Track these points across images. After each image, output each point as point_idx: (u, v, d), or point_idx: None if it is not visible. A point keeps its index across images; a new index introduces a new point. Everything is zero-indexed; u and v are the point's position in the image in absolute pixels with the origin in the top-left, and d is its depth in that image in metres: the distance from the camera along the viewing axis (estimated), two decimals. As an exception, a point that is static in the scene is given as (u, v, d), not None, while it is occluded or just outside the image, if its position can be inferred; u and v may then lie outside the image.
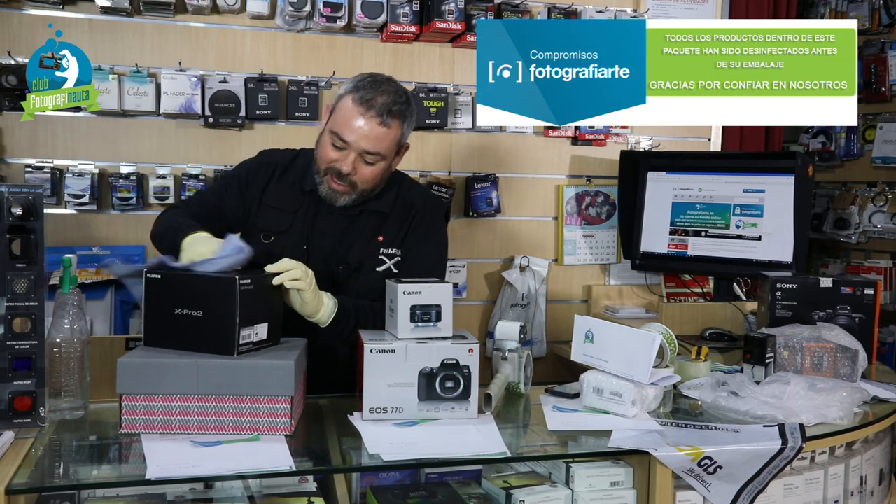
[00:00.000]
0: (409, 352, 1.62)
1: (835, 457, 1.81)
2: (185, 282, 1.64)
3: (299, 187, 1.99)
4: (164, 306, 1.63)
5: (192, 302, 1.61)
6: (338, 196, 1.91)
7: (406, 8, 2.95)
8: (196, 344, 1.59)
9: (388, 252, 1.97)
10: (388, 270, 1.96)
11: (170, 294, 1.64)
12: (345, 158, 1.86)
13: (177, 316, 1.62)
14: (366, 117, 1.84)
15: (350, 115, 1.85)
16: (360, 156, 1.87)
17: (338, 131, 1.86)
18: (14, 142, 2.75)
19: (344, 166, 1.86)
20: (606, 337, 1.76)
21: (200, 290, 1.62)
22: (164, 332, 1.63)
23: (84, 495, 1.45)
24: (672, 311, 2.81)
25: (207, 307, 1.60)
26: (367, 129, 1.84)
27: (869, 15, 3.82)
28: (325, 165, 1.90)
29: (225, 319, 1.57)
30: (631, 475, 1.60)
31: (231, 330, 1.57)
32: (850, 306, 2.20)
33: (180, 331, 1.62)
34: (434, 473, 1.66)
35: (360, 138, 1.85)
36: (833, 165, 3.97)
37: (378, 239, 1.97)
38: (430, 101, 3.03)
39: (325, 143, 1.90)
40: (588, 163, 3.32)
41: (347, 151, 1.86)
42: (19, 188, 1.50)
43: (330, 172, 1.89)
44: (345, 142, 1.86)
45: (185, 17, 2.87)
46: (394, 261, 1.98)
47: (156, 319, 1.65)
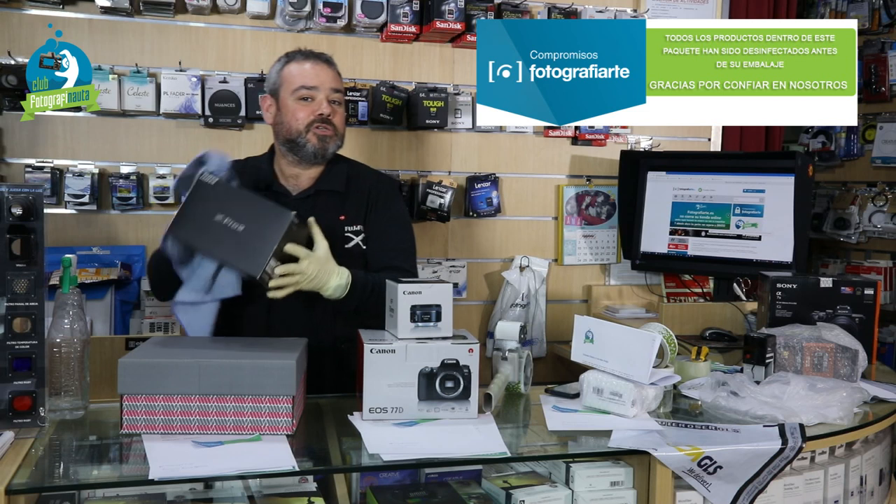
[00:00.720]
0: (409, 352, 1.63)
1: (835, 457, 1.81)
2: (240, 195, 1.76)
3: (253, 186, 2.02)
4: (208, 209, 1.72)
5: (238, 215, 1.71)
6: (327, 143, 2.05)
7: (406, 8, 2.95)
8: (224, 252, 1.69)
9: (352, 229, 2.08)
10: (356, 247, 2.07)
11: (217, 200, 1.73)
12: (319, 103, 2.04)
13: (215, 222, 1.71)
14: (316, 66, 2.07)
15: (302, 69, 2.06)
16: (328, 98, 2.05)
17: (303, 84, 2.04)
18: (14, 142, 2.75)
19: (323, 108, 2.04)
20: (606, 337, 1.76)
21: (252, 207, 1.73)
22: (194, 231, 1.72)
23: (84, 495, 1.45)
24: (672, 311, 2.81)
25: (252, 224, 1.69)
26: (323, 71, 2.07)
27: (869, 15, 3.82)
28: (304, 123, 2.04)
29: (265, 241, 1.68)
30: (631, 475, 1.60)
31: (265, 253, 1.67)
32: (850, 306, 2.20)
33: (213, 235, 1.70)
34: (434, 473, 1.66)
35: (324, 80, 2.06)
36: (833, 165, 3.97)
37: (340, 218, 2.07)
38: (430, 101, 3.03)
39: (291, 110, 2.05)
40: (588, 163, 3.32)
41: (318, 98, 2.05)
42: (19, 188, 1.50)
43: (314, 124, 2.04)
44: (312, 88, 2.04)
45: (185, 17, 2.87)
46: (360, 237, 2.08)
47: (191, 218, 1.73)
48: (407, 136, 3.11)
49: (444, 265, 3.15)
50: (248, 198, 1.77)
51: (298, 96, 2.05)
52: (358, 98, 2.97)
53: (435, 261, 3.14)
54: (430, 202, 3.04)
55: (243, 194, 1.79)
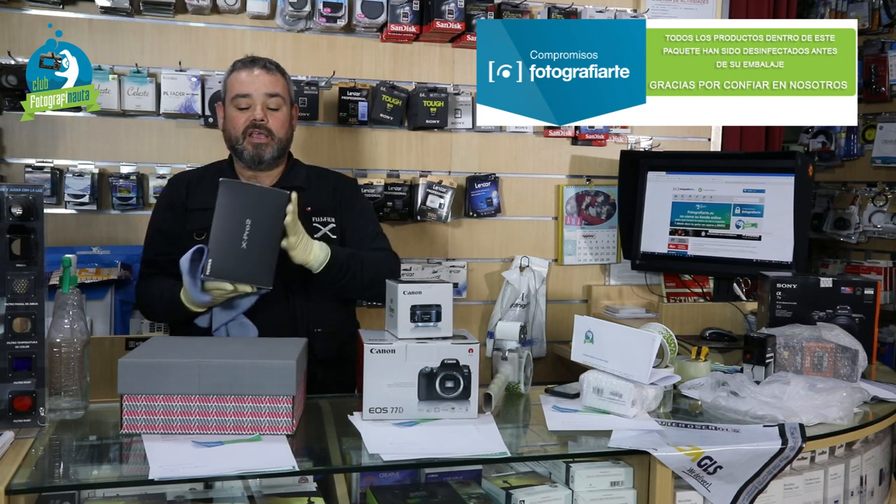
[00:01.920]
0: (409, 352, 1.63)
1: (835, 457, 1.81)
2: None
3: (215, 188, 2.04)
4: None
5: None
6: (262, 149, 2.11)
7: (406, 8, 2.95)
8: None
9: (319, 220, 2.16)
10: (325, 237, 2.14)
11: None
12: (253, 110, 2.10)
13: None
14: (252, 73, 2.13)
15: (238, 78, 2.13)
16: (263, 104, 2.11)
17: (237, 91, 2.11)
18: (14, 142, 2.75)
19: (256, 114, 2.09)
20: (606, 337, 1.76)
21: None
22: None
23: (84, 495, 1.45)
24: (672, 311, 2.80)
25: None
26: (259, 78, 2.12)
27: (869, 15, 3.82)
28: (240, 130, 2.11)
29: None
30: (631, 475, 1.60)
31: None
32: (850, 306, 2.20)
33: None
34: (434, 473, 1.66)
35: (259, 86, 2.11)
36: (833, 165, 3.97)
37: (306, 209, 2.13)
38: (430, 101, 3.03)
39: (231, 116, 2.13)
40: (588, 163, 3.32)
41: (252, 105, 2.11)
42: (19, 188, 1.50)
43: (247, 132, 2.10)
44: (246, 96, 2.11)
45: (185, 17, 2.87)
46: (328, 227, 2.16)
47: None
48: (407, 136, 3.11)
49: (444, 265, 3.15)
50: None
51: (236, 105, 2.12)
52: (358, 98, 2.97)
53: (435, 261, 3.14)
54: (430, 202, 3.04)
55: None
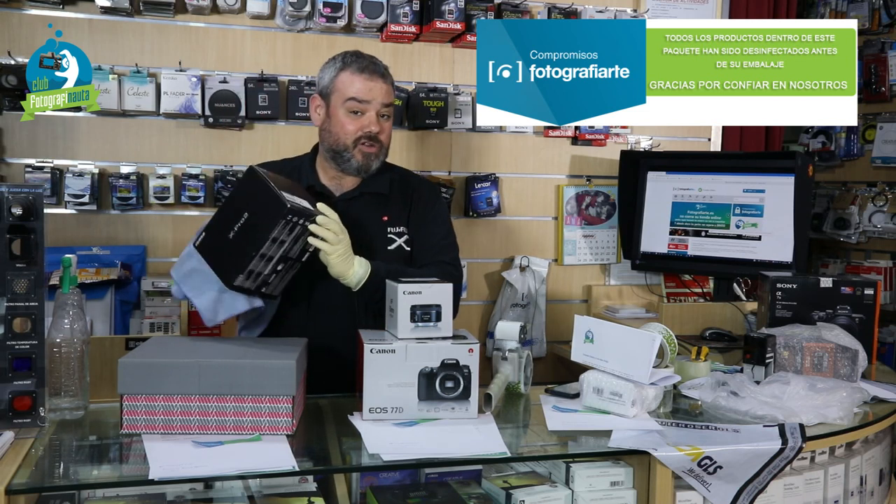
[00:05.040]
0: (409, 352, 1.62)
1: (835, 457, 1.81)
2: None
3: None
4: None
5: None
6: (371, 160, 2.02)
7: (406, 8, 2.95)
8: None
9: (395, 231, 2.07)
10: (399, 249, 2.05)
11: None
12: (369, 120, 2.00)
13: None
14: (373, 79, 2.00)
15: (358, 81, 2.00)
16: (378, 114, 2.01)
17: (355, 96, 1.99)
18: (14, 142, 2.75)
19: (373, 127, 2.00)
20: (606, 337, 1.76)
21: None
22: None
23: (84, 495, 1.45)
24: (672, 311, 2.80)
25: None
26: (378, 86, 2.00)
27: (869, 15, 3.82)
28: (352, 137, 2.00)
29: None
30: (631, 475, 1.60)
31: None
32: (850, 306, 2.20)
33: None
34: (434, 473, 1.66)
35: (378, 94, 2.00)
36: (833, 165, 3.97)
37: (383, 219, 2.06)
38: (430, 101, 3.03)
39: (341, 120, 2.00)
40: (588, 163, 3.32)
41: (369, 113, 2.00)
42: (19, 188, 1.50)
43: (361, 140, 2.00)
44: (365, 102, 1.99)
45: (185, 17, 2.87)
46: (403, 239, 2.07)
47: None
48: (407, 136, 3.11)
49: (444, 265, 3.14)
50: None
51: (349, 108, 1.99)
52: (358, 98, 2.97)
53: (435, 261, 3.14)
54: (430, 202, 3.04)
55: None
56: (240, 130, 2.92)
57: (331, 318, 1.99)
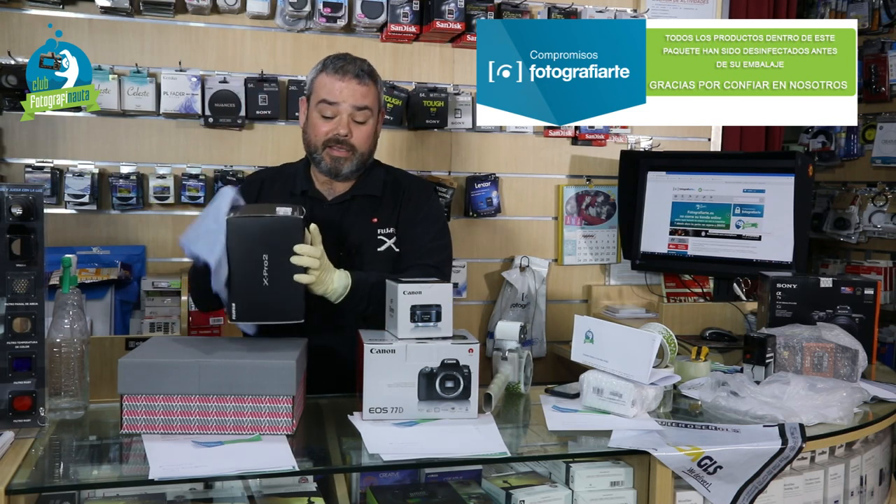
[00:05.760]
0: (409, 352, 1.62)
1: (835, 457, 1.81)
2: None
3: (289, 192, 2.06)
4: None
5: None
6: (341, 164, 1.99)
7: (406, 8, 2.95)
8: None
9: (385, 232, 2.04)
10: (388, 250, 2.03)
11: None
12: (338, 122, 1.97)
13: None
14: (345, 80, 1.97)
15: (330, 82, 1.98)
16: (350, 116, 1.97)
17: (325, 97, 1.97)
18: (14, 142, 2.75)
19: (340, 129, 1.96)
20: (606, 337, 1.76)
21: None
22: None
23: (84, 495, 1.45)
24: (672, 311, 2.80)
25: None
26: (349, 88, 1.97)
27: (869, 15, 3.82)
28: (321, 140, 1.98)
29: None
30: (631, 475, 1.60)
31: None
32: (850, 306, 2.20)
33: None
34: (434, 473, 1.66)
35: (348, 96, 1.97)
36: (833, 165, 3.97)
37: (373, 221, 2.04)
38: (430, 101, 3.03)
39: (314, 122, 2.00)
40: (588, 163, 3.32)
41: (338, 116, 1.97)
42: (19, 188, 1.50)
43: (328, 143, 1.98)
44: (333, 104, 1.96)
45: (185, 17, 2.87)
46: (393, 240, 2.04)
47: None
48: (407, 136, 3.11)
49: (444, 265, 3.14)
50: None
51: (320, 110, 1.98)
52: (358, 98, 2.97)
53: (435, 261, 3.14)
54: (430, 202, 3.04)
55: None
56: (240, 130, 2.92)
57: (331, 318, 1.99)
